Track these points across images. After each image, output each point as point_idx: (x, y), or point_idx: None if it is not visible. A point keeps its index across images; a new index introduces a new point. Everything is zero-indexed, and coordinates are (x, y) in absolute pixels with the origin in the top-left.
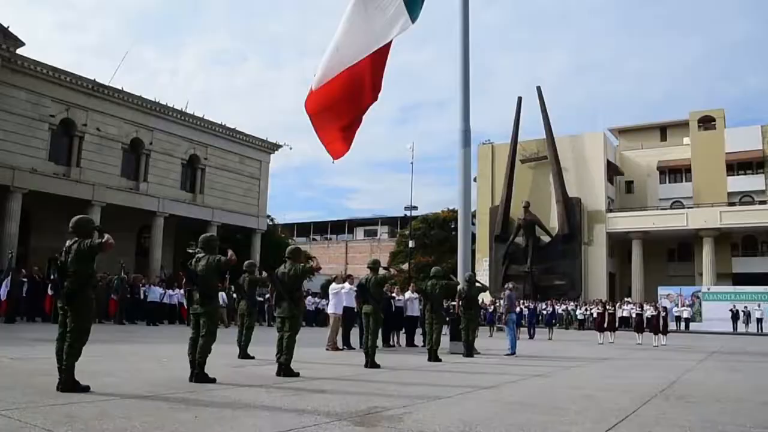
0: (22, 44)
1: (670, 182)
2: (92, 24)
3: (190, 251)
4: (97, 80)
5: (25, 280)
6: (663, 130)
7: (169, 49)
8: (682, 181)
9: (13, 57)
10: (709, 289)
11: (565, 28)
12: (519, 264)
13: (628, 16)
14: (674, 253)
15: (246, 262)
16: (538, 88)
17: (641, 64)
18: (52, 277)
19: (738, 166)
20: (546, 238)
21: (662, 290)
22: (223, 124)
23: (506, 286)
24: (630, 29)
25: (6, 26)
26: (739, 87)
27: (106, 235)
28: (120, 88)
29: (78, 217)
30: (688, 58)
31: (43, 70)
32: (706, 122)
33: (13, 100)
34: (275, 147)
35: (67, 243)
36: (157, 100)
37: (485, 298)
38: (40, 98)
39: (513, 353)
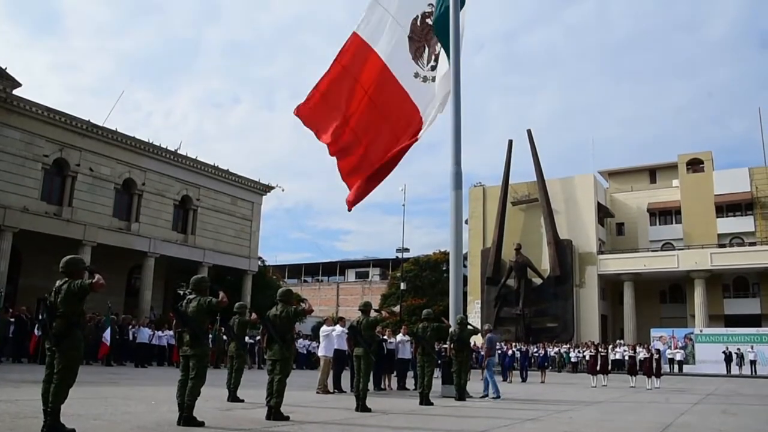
0: (19, 85)
1: (660, 224)
2: (89, 65)
3: (181, 292)
4: (91, 121)
5: (12, 320)
6: (652, 173)
7: (164, 91)
8: (672, 223)
9: (9, 97)
10: (701, 330)
11: (553, 73)
12: (511, 306)
13: (614, 62)
14: (666, 295)
15: (237, 304)
16: (529, 132)
17: (629, 107)
18: (40, 317)
19: (727, 207)
20: (538, 280)
21: (655, 332)
22: (215, 165)
23: (485, 328)
24: (617, 74)
25: (4, 67)
26: (725, 131)
27: (97, 275)
28: (114, 129)
29: (68, 257)
30: (675, 102)
31: (37, 110)
32: (695, 165)
33: (7, 139)
34: (267, 188)
35: (57, 283)
36: (150, 141)
37: (477, 340)
38: (34, 138)
39: (497, 396)
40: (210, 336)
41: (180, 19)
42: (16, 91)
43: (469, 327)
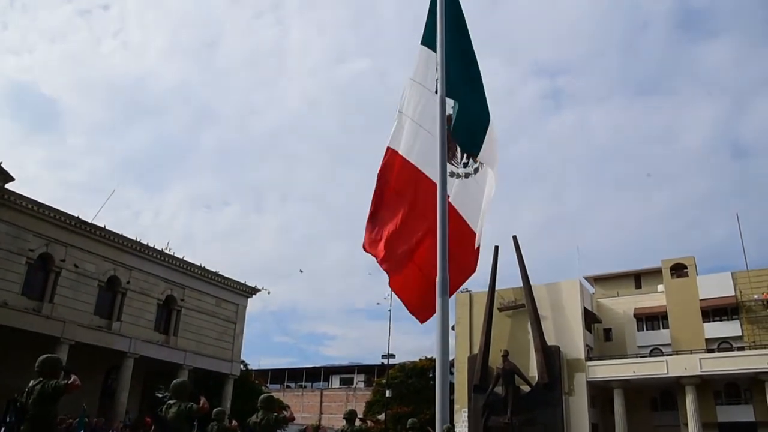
0: (12, 179)
1: (647, 329)
2: (82, 163)
3: (159, 395)
4: (80, 217)
5: None
6: (637, 278)
7: (154, 190)
8: (659, 328)
9: (0, 191)
10: None
11: (538, 181)
12: (499, 414)
13: (596, 171)
14: (657, 402)
15: (215, 410)
16: (514, 238)
17: (612, 214)
18: (8, 419)
19: (713, 312)
20: (526, 388)
21: None
22: (202, 266)
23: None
24: (599, 182)
25: None
26: (706, 237)
27: (73, 376)
28: (102, 226)
29: (45, 356)
30: (656, 209)
31: (27, 205)
32: (678, 270)
33: None
34: (253, 291)
35: (31, 383)
36: (138, 239)
37: None
38: (21, 232)
39: None
40: None
41: (174, 122)
42: (8, 185)
43: None
